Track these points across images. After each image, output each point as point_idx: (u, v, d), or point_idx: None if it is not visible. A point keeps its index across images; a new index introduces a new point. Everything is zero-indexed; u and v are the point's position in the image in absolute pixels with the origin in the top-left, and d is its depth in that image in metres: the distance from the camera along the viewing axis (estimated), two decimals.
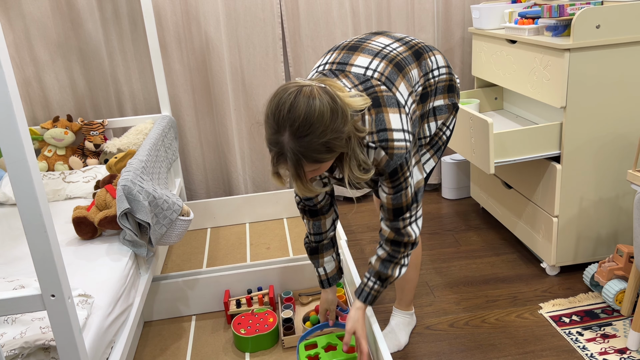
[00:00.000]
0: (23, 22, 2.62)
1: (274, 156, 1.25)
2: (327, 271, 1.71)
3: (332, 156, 1.27)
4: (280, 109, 1.20)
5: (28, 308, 1.09)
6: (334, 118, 1.21)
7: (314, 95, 1.20)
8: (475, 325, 1.95)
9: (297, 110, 1.19)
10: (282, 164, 1.26)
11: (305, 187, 1.27)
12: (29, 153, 0.98)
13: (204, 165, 2.99)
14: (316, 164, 1.25)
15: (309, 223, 1.65)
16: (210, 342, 1.94)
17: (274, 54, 2.79)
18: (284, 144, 1.21)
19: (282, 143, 1.22)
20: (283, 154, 1.23)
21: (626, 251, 1.89)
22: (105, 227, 1.81)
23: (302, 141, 1.20)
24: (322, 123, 1.20)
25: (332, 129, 1.21)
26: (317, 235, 1.66)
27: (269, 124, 1.23)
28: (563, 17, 1.96)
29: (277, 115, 1.21)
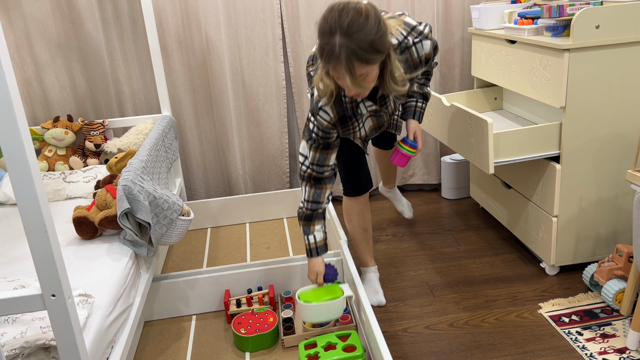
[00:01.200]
0: (23, 22, 2.62)
1: (327, 55, 1.43)
2: (316, 239, 1.83)
3: (378, 57, 1.45)
4: (332, 14, 1.42)
5: (28, 308, 1.09)
6: (377, 22, 1.42)
7: (361, 6, 1.41)
8: (475, 325, 1.96)
9: (346, 13, 1.40)
10: (333, 63, 1.43)
11: (356, 81, 1.45)
12: (30, 153, 0.98)
13: (204, 165, 2.99)
14: (364, 65, 1.42)
15: (310, 191, 1.78)
16: (210, 342, 1.94)
17: (274, 54, 2.80)
18: (336, 43, 1.40)
19: (334, 43, 1.40)
20: (335, 54, 1.40)
21: (626, 251, 1.89)
22: (105, 227, 1.81)
23: (352, 39, 1.38)
24: (368, 23, 1.40)
25: (377, 30, 1.41)
26: (314, 203, 1.79)
27: (322, 28, 1.43)
28: (563, 17, 1.96)
29: (329, 19, 1.42)
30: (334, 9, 1.43)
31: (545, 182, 2.09)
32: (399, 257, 2.46)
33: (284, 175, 3.04)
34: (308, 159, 1.76)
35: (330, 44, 1.41)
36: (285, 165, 3.02)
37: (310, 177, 1.77)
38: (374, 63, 1.46)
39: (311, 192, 1.78)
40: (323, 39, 1.44)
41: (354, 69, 1.43)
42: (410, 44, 1.65)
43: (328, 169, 1.78)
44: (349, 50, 1.40)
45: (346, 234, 2.21)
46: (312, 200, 1.78)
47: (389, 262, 2.42)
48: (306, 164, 1.76)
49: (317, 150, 1.75)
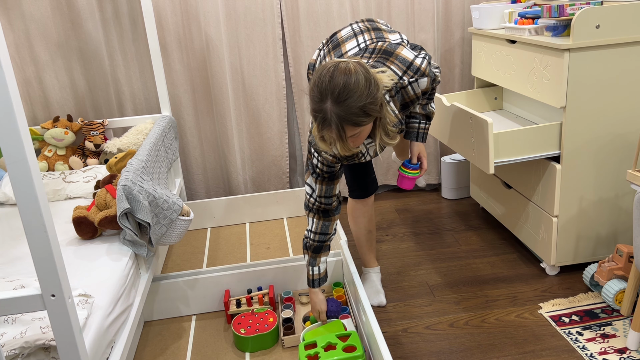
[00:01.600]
0: (23, 22, 2.62)
1: (319, 122, 1.44)
2: (320, 271, 1.83)
3: (368, 120, 1.45)
4: (322, 80, 1.41)
5: (28, 308, 1.09)
6: (368, 85, 1.41)
7: (350, 67, 1.41)
8: (475, 325, 1.96)
9: (336, 80, 1.39)
10: (326, 129, 1.44)
11: (346, 147, 1.47)
12: (29, 153, 0.98)
13: (204, 165, 2.99)
14: (356, 127, 1.44)
15: (318, 223, 1.78)
16: (210, 342, 1.94)
17: (274, 54, 2.79)
18: (327, 110, 1.40)
19: (325, 109, 1.41)
20: (327, 119, 1.42)
21: (626, 251, 1.89)
22: (105, 227, 1.81)
23: (343, 105, 1.39)
24: (359, 89, 1.39)
25: (367, 94, 1.40)
26: (322, 235, 1.79)
27: (313, 95, 1.43)
28: (563, 17, 1.96)
29: (319, 86, 1.41)
30: (323, 75, 1.41)
31: (545, 182, 2.09)
32: (399, 257, 2.46)
33: (283, 176, 3.04)
34: (315, 192, 1.75)
35: (322, 111, 1.42)
36: (285, 165, 3.02)
37: (318, 210, 1.77)
38: (365, 125, 1.46)
39: (319, 224, 1.78)
40: (315, 105, 1.44)
41: (345, 132, 1.44)
42: (405, 84, 1.62)
43: (335, 199, 1.78)
44: (339, 117, 1.40)
45: (347, 234, 2.21)
46: (321, 232, 1.78)
47: (389, 262, 2.42)
48: (314, 197, 1.76)
49: (322, 182, 1.74)
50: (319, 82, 1.42)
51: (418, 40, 2.86)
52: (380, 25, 1.84)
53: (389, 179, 3.13)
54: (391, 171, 3.11)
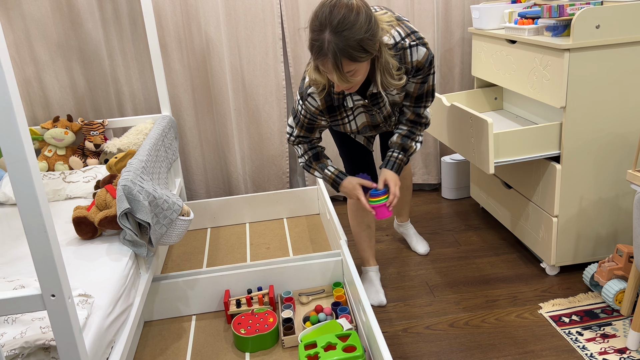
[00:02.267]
0: (23, 22, 2.62)
1: (316, 51, 1.46)
2: (335, 169, 1.90)
3: (366, 57, 1.47)
4: (323, 10, 1.44)
5: (28, 308, 1.09)
6: (368, 20, 1.43)
7: (352, 2, 1.43)
8: (475, 325, 1.96)
9: (337, 11, 1.41)
10: (321, 58, 1.46)
11: (343, 77, 1.48)
12: (29, 153, 0.98)
13: (204, 165, 2.99)
14: (352, 62, 1.45)
15: (302, 146, 1.90)
16: (210, 342, 1.94)
17: (274, 54, 2.79)
18: (325, 40, 1.42)
19: (323, 39, 1.43)
20: (323, 49, 1.43)
21: (626, 251, 1.89)
22: (105, 227, 1.81)
23: (341, 36, 1.41)
24: (358, 22, 1.41)
25: (367, 29, 1.43)
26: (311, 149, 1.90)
27: (313, 24, 1.45)
28: (563, 17, 1.96)
29: (320, 15, 1.44)
30: (325, 5, 1.45)
31: (545, 182, 2.09)
32: (399, 257, 2.46)
33: (283, 176, 3.04)
34: (294, 132, 1.88)
35: (320, 40, 1.45)
36: (285, 165, 3.02)
37: (299, 142, 1.90)
38: (362, 61, 1.48)
39: (303, 146, 1.91)
40: (313, 35, 1.47)
41: (341, 65, 1.46)
42: (406, 46, 1.65)
43: (314, 138, 1.90)
44: (337, 47, 1.43)
45: (347, 234, 2.21)
46: (309, 148, 1.90)
47: (389, 262, 2.42)
48: (294, 135, 1.89)
49: (301, 129, 1.86)
50: (320, 12, 1.44)
51: None
52: None
53: None
54: None
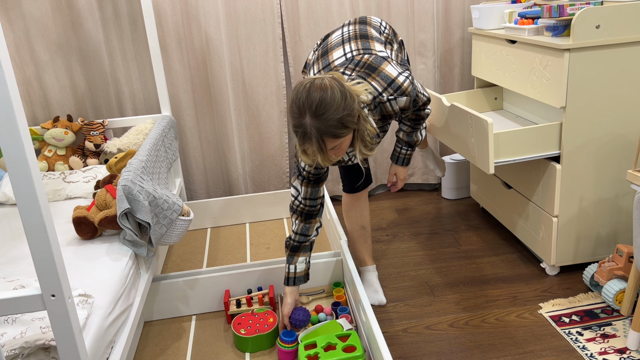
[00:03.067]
0: (23, 22, 2.62)
1: (300, 137, 1.50)
2: (296, 270, 1.86)
3: (347, 132, 1.51)
4: (299, 97, 1.47)
5: (28, 308, 1.09)
6: (344, 98, 1.47)
7: (325, 83, 1.47)
8: (475, 325, 1.96)
9: (313, 96, 1.45)
10: (307, 143, 1.50)
11: (327, 158, 1.53)
12: (29, 153, 0.98)
13: (204, 165, 2.99)
14: (335, 139, 1.49)
15: (299, 225, 1.82)
16: (210, 342, 1.94)
17: (274, 54, 2.79)
18: (307, 125, 1.46)
19: (305, 124, 1.46)
20: (307, 134, 1.47)
21: (626, 251, 1.89)
22: (105, 227, 1.81)
23: (321, 119, 1.45)
24: (335, 102, 1.45)
25: (344, 106, 1.46)
26: (302, 236, 1.83)
27: (293, 111, 1.49)
28: (563, 17, 1.96)
29: (297, 102, 1.47)
30: (300, 91, 1.47)
31: (545, 182, 2.09)
32: (399, 257, 2.46)
33: (283, 175, 3.04)
34: (300, 194, 1.79)
35: (302, 125, 1.47)
36: (285, 165, 3.02)
37: (302, 212, 1.81)
38: (344, 136, 1.51)
39: (300, 226, 1.82)
40: (294, 121, 1.50)
41: (325, 145, 1.50)
42: (384, 100, 1.66)
43: (319, 202, 1.82)
44: (319, 130, 1.46)
45: (346, 234, 2.21)
46: (301, 234, 1.83)
47: (389, 262, 2.42)
48: (299, 199, 1.80)
49: (308, 185, 1.78)
50: (297, 98, 1.47)
51: (418, 41, 2.86)
52: (370, 31, 1.86)
53: None
54: None
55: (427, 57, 2.89)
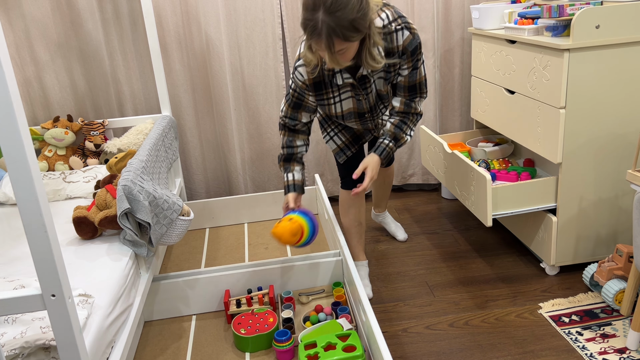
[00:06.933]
0: (23, 22, 2.62)
1: (310, 31, 1.50)
2: (295, 177, 1.98)
3: (357, 36, 1.52)
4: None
5: (28, 308, 1.09)
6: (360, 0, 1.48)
7: None
8: (475, 325, 1.96)
9: None
10: (315, 38, 1.51)
11: (334, 58, 1.54)
12: (30, 153, 0.98)
13: (204, 165, 2.99)
14: (344, 42, 1.50)
15: (284, 137, 1.97)
16: (210, 342, 1.94)
17: (274, 54, 2.79)
18: (318, 20, 1.46)
19: (316, 19, 1.47)
20: (317, 29, 1.48)
21: (626, 251, 1.89)
22: (105, 227, 1.81)
23: (334, 16, 1.45)
24: (351, 2, 1.46)
25: (359, 9, 1.47)
26: (288, 148, 1.97)
27: (306, 2, 1.49)
28: (563, 17, 1.96)
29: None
30: None
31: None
32: (399, 257, 2.46)
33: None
34: (282, 112, 1.95)
35: (313, 20, 1.49)
36: None
37: (284, 126, 1.96)
38: (353, 40, 1.53)
39: (285, 138, 1.97)
40: (307, 14, 1.51)
41: (333, 45, 1.51)
42: (392, 29, 1.69)
43: (299, 124, 1.94)
44: (330, 27, 1.47)
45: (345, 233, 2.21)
46: (287, 146, 1.97)
47: (389, 262, 2.42)
48: (281, 114, 1.96)
49: (289, 106, 1.92)
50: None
51: None
52: None
53: None
54: None
55: (427, 57, 2.89)
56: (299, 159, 1.99)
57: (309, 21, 1.49)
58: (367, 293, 2.14)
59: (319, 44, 1.52)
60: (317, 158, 3.03)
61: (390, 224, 2.66)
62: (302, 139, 1.97)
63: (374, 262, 2.43)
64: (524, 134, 2.18)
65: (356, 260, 2.24)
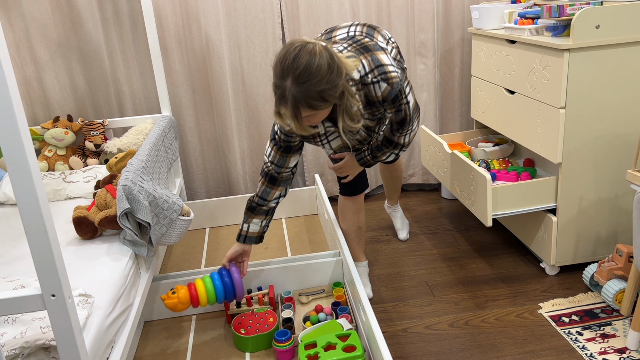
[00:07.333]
0: (23, 22, 2.62)
1: (278, 98, 1.49)
2: (249, 229, 1.91)
3: (325, 105, 1.49)
4: (286, 58, 1.44)
5: (28, 308, 1.09)
6: (330, 71, 1.44)
7: (316, 50, 1.43)
8: (475, 325, 1.96)
9: (299, 61, 1.42)
10: (283, 105, 1.49)
11: (300, 126, 1.51)
12: (30, 153, 0.98)
13: (204, 165, 2.99)
14: (311, 109, 1.47)
15: (262, 187, 1.87)
16: (210, 342, 1.94)
17: (274, 54, 2.79)
18: (286, 88, 1.44)
19: (284, 87, 1.45)
20: (284, 97, 1.46)
21: (625, 251, 1.89)
22: (105, 227, 1.81)
23: (301, 87, 1.42)
24: (319, 74, 1.42)
25: (328, 80, 1.43)
26: (261, 199, 1.88)
27: (276, 70, 1.47)
28: (563, 17, 1.96)
29: (283, 63, 1.44)
30: (289, 52, 1.44)
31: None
32: (399, 257, 2.46)
33: None
34: (269, 158, 1.84)
35: (282, 87, 1.46)
36: None
37: (267, 174, 1.86)
38: (320, 109, 1.49)
39: (262, 188, 1.87)
40: (276, 80, 1.48)
41: (300, 114, 1.48)
42: (369, 82, 1.63)
43: (287, 171, 1.85)
44: (296, 98, 1.44)
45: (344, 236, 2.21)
46: (261, 197, 1.88)
47: (389, 262, 2.42)
48: (267, 162, 1.85)
49: (277, 151, 1.81)
50: (284, 58, 1.44)
51: (418, 41, 2.86)
52: (377, 33, 1.87)
53: None
54: None
55: (427, 57, 2.89)
56: (266, 211, 1.90)
57: (278, 88, 1.47)
58: (367, 293, 2.14)
59: (286, 111, 1.49)
60: (317, 158, 3.03)
61: (397, 219, 2.65)
62: (280, 190, 1.88)
63: (374, 262, 2.43)
64: (524, 134, 2.18)
65: (356, 261, 2.23)
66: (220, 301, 1.89)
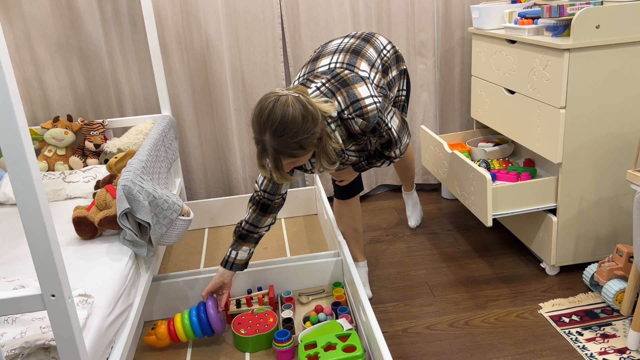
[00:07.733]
0: (23, 22, 2.62)
1: (259, 151, 1.56)
2: (236, 257, 1.89)
3: (304, 152, 1.55)
4: (261, 114, 1.50)
5: (28, 308, 1.09)
6: (304, 121, 1.49)
7: (288, 103, 1.49)
8: (475, 325, 1.96)
9: (274, 116, 1.48)
10: (265, 158, 1.56)
11: (282, 176, 1.59)
12: (29, 153, 0.98)
13: (204, 165, 2.99)
14: (292, 158, 1.55)
15: (253, 214, 1.86)
16: (210, 342, 1.94)
17: (274, 54, 2.79)
18: (266, 142, 1.51)
19: (264, 141, 1.51)
20: (265, 150, 1.53)
21: (626, 251, 1.89)
22: (105, 227, 1.81)
23: (279, 140, 1.49)
24: (295, 125, 1.48)
25: (303, 130, 1.50)
26: (251, 226, 1.87)
27: (254, 126, 1.53)
28: (563, 17, 1.96)
29: (259, 119, 1.50)
30: (264, 108, 1.49)
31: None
32: (399, 257, 2.46)
33: None
34: (261, 186, 1.83)
35: (262, 141, 1.52)
36: None
37: (258, 202, 1.84)
38: (301, 156, 1.56)
39: (253, 215, 1.85)
40: (255, 134, 1.54)
41: (281, 164, 1.55)
42: (345, 118, 1.66)
43: (279, 198, 1.85)
44: (276, 150, 1.51)
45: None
46: (251, 224, 1.86)
47: (389, 262, 2.42)
48: (258, 190, 1.84)
49: (270, 180, 1.81)
50: (259, 115, 1.50)
51: (418, 41, 2.86)
52: (366, 50, 1.84)
53: (389, 178, 3.13)
54: (391, 171, 3.11)
55: (427, 57, 2.89)
56: (256, 239, 1.89)
57: (258, 143, 1.53)
58: (366, 293, 2.14)
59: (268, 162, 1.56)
60: None
61: (409, 205, 2.69)
62: (271, 218, 1.87)
63: (374, 262, 2.43)
64: (524, 134, 2.18)
65: (355, 261, 2.24)
66: (200, 336, 1.87)
